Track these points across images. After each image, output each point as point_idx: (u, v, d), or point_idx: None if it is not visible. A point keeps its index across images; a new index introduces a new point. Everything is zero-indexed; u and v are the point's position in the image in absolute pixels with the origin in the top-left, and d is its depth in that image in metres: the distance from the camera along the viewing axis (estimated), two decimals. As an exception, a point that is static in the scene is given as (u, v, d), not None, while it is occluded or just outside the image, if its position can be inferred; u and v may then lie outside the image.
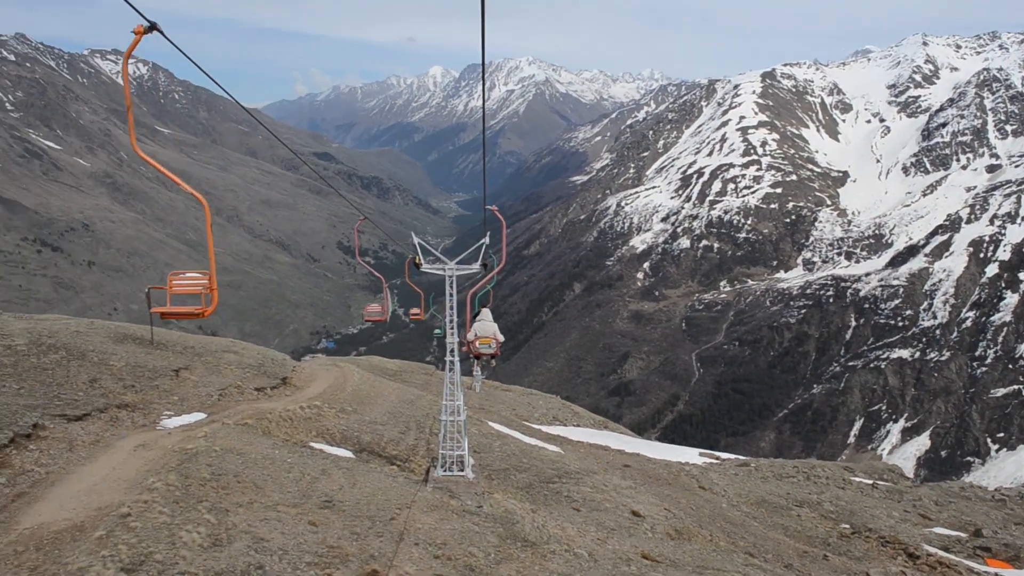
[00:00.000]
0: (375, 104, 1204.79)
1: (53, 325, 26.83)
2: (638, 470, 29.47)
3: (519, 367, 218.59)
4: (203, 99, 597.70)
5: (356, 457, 19.31)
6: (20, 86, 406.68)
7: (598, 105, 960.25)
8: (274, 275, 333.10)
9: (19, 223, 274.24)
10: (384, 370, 47.51)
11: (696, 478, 30.31)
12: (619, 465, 29.76)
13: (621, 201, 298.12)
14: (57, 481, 12.19)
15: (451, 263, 18.18)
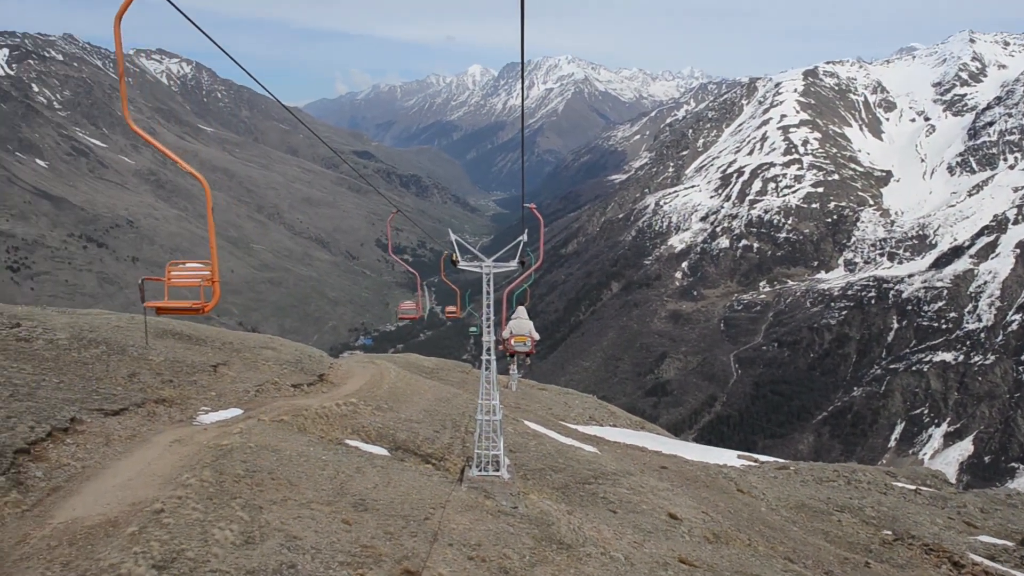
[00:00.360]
0: (414, 103, 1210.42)
1: (94, 320, 27.13)
2: (675, 472, 29.12)
3: (555, 366, 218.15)
4: (245, 98, 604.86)
5: (391, 455, 19.22)
6: (68, 85, 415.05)
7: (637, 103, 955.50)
8: (314, 272, 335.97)
9: (66, 219, 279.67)
10: (421, 368, 47.55)
11: (734, 481, 29.86)
12: (656, 467, 29.43)
13: (660, 200, 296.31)
14: (92, 475, 12.23)
15: (488, 260, 18.01)
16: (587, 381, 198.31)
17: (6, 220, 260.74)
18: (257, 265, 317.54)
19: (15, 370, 17.27)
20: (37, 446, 12.37)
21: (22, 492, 10.77)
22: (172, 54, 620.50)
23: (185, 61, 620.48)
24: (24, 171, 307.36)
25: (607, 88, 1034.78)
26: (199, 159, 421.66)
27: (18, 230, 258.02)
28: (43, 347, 21.33)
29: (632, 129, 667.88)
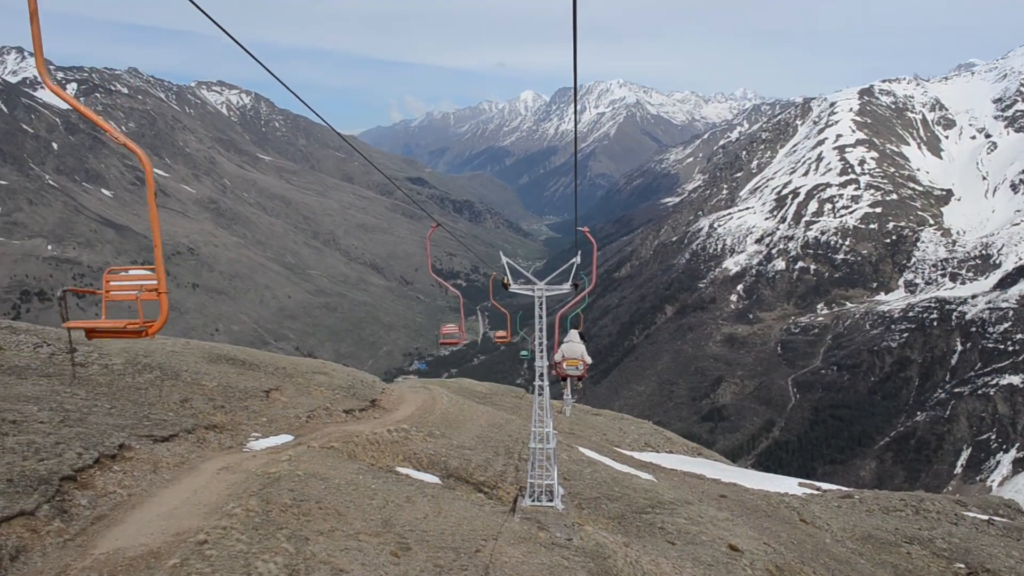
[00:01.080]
0: (467, 129, 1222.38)
1: (150, 345, 27.30)
2: (735, 501, 28.20)
3: (609, 391, 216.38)
4: (302, 127, 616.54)
5: (443, 483, 18.81)
6: (132, 117, 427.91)
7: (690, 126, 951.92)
8: (369, 297, 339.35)
9: (129, 247, 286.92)
10: (473, 393, 47.20)
11: (797, 510, 28.82)
12: (715, 495, 28.55)
13: (714, 222, 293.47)
14: (138, 504, 12.02)
15: (540, 283, 17.59)
16: (641, 406, 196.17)
17: (73, 248, 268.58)
18: (313, 291, 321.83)
19: (68, 395, 17.29)
20: (84, 473, 12.21)
21: (65, 521, 10.58)
22: (232, 85, 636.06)
23: (244, 92, 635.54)
24: (90, 200, 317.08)
25: (659, 111, 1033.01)
26: (258, 187, 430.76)
27: (84, 257, 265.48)
28: (98, 372, 21.44)
29: (685, 152, 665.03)
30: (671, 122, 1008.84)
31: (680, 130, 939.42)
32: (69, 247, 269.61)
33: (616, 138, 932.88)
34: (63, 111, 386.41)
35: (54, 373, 19.79)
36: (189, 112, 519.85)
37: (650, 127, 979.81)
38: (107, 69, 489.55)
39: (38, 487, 10.97)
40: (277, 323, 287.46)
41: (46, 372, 19.73)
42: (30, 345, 22.45)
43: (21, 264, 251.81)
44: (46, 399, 16.23)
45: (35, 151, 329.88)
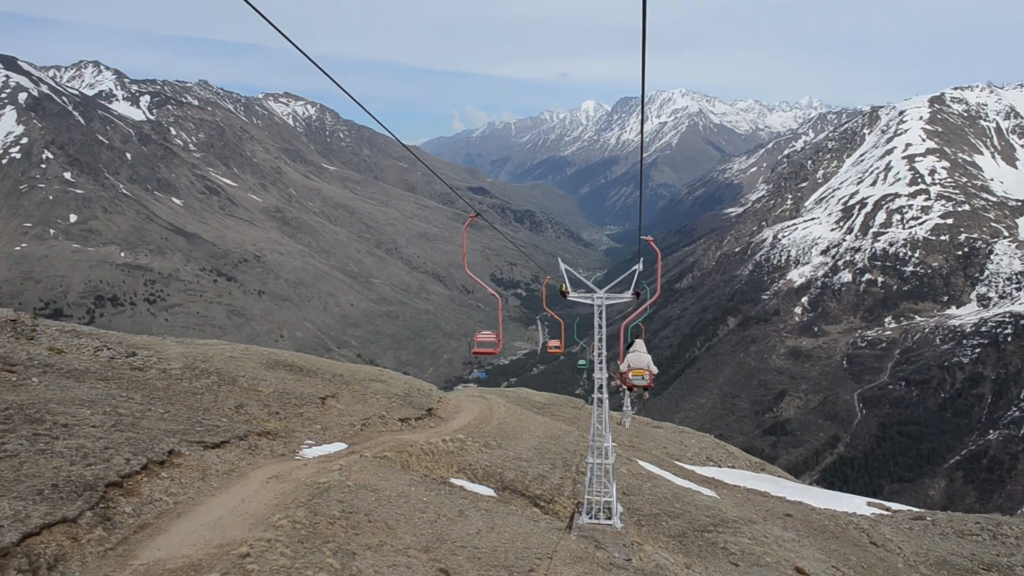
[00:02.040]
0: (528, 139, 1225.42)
1: (209, 350, 27.39)
2: (801, 520, 27.13)
3: (670, 403, 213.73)
4: (366, 137, 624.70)
5: (497, 496, 18.30)
6: (202, 128, 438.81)
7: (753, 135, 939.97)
8: (430, 306, 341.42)
9: (198, 254, 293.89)
10: (532, 403, 46.62)
11: (866, 532, 27.60)
12: (780, 514, 27.51)
13: (778, 233, 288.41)
14: (184, 512, 11.75)
15: (600, 291, 16.95)
16: (703, 419, 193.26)
17: (145, 255, 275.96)
18: (375, 299, 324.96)
19: (123, 399, 17.24)
20: (130, 479, 11.98)
21: (108, 529, 10.33)
22: (298, 97, 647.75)
23: (310, 103, 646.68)
24: (162, 209, 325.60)
25: (722, 121, 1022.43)
26: (322, 196, 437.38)
27: (155, 264, 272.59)
28: (155, 376, 21.47)
29: (748, 161, 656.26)
30: (734, 131, 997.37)
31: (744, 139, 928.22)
32: (141, 254, 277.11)
33: (678, 148, 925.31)
34: (136, 123, 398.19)
35: (112, 377, 19.83)
36: (257, 123, 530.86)
37: (713, 136, 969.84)
38: (179, 82, 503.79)
39: (83, 493, 10.76)
40: (340, 330, 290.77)
41: (104, 376, 19.78)
42: (91, 349, 22.60)
43: (96, 270, 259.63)
44: (101, 403, 16.17)
45: (110, 161, 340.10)
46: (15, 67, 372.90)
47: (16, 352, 19.70)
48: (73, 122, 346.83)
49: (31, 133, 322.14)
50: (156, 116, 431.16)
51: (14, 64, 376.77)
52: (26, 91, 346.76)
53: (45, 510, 9.87)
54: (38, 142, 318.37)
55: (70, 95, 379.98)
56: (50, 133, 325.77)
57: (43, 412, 14.14)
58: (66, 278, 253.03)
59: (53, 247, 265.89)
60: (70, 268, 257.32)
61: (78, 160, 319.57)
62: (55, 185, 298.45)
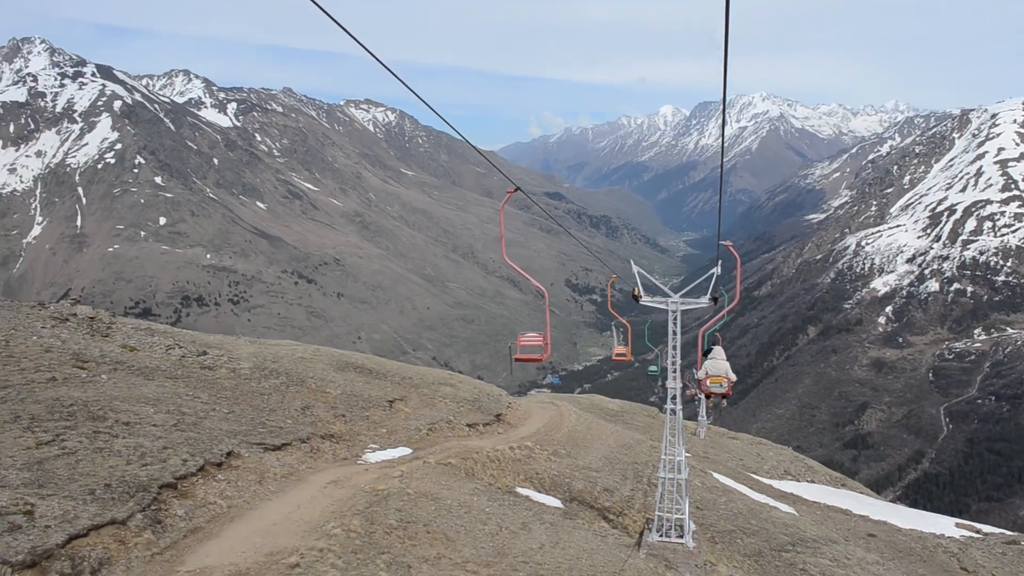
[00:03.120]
0: (605, 144, 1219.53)
1: (280, 350, 27.43)
2: (885, 541, 25.75)
3: (746, 413, 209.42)
4: (444, 143, 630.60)
5: (564, 507, 17.65)
6: (286, 134, 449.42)
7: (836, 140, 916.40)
8: (505, 310, 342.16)
9: (281, 257, 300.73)
10: (604, 410, 45.79)
11: (956, 556, 26.04)
12: (863, 534, 26.17)
13: (861, 240, 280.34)
14: (237, 517, 11.45)
15: (675, 296, 16.15)
16: (780, 430, 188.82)
17: (229, 257, 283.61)
18: (451, 303, 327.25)
19: (189, 398, 17.19)
20: (185, 481, 11.75)
21: (157, 532, 10.06)
22: (378, 103, 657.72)
23: (390, 110, 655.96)
24: (246, 212, 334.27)
25: (804, 125, 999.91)
26: (401, 201, 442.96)
27: (239, 266, 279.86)
28: (225, 376, 21.48)
29: (831, 167, 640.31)
30: (816, 136, 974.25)
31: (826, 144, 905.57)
32: (226, 256, 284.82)
33: (758, 153, 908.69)
34: (223, 129, 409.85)
35: (181, 375, 19.88)
36: (338, 129, 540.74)
37: (794, 141, 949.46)
38: (264, 89, 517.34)
39: (135, 494, 10.55)
40: (416, 333, 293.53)
41: (174, 374, 19.84)
42: (163, 347, 22.77)
43: (183, 271, 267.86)
44: (166, 401, 16.12)
45: (198, 166, 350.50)
46: (111, 76, 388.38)
47: (90, 349, 19.90)
48: (164, 129, 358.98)
49: (125, 139, 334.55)
50: (242, 123, 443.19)
51: (110, 73, 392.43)
52: (121, 99, 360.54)
53: (95, 511, 9.66)
54: (131, 148, 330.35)
55: (161, 103, 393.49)
56: (142, 139, 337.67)
57: (107, 409, 14.10)
58: (155, 278, 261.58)
59: (143, 249, 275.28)
60: (159, 269, 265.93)
61: (168, 165, 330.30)
62: (146, 189, 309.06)
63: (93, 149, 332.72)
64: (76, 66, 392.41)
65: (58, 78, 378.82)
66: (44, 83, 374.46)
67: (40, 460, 10.88)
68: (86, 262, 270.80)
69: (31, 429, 12.17)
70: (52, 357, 17.93)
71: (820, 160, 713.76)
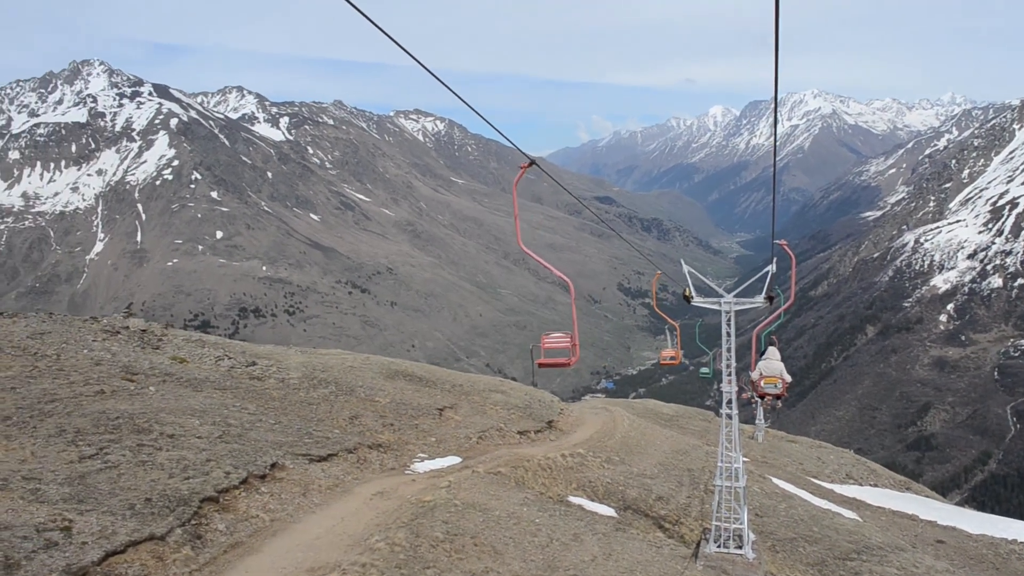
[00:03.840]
0: (655, 147, 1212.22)
1: (330, 360, 27.35)
2: (955, 548, 24.68)
3: (805, 415, 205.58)
4: (493, 150, 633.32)
5: (618, 516, 17.13)
6: (337, 147, 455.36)
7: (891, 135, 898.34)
8: (557, 315, 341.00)
9: (334, 267, 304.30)
10: (659, 415, 45.04)
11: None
12: (931, 540, 25.13)
13: (920, 237, 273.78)
14: (279, 531, 11.17)
15: (728, 296, 15.54)
16: (840, 432, 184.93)
17: (284, 268, 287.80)
18: (503, 309, 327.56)
19: (236, 409, 17.08)
20: (228, 494, 11.52)
21: (197, 548, 9.81)
22: (427, 113, 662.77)
23: (439, 119, 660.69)
24: (300, 224, 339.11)
25: (857, 121, 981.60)
26: (451, 209, 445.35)
27: (294, 277, 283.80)
28: (273, 386, 21.41)
29: (887, 163, 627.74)
30: (871, 132, 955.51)
31: (881, 140, 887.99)
32: (281, 267, 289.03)
33: (811, 151, 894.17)
34: (276, 143, 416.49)
35: (229, 386, 19.83)
36: (388, 140, 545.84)
37: (847, 138, 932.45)
38: (315, 103, 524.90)
39: (175, 508, 10.34)
40: (469, 340, 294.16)
41: (222, 385, 19.79)
42: (212, 358, 22.80)
43: (240, 283, 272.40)
44: (212, 412, 16.02)
45: (252, 180, 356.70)
46: (167, 95, 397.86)
47: (139, 361, 19.96)
48: (219, 144, 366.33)
49: (181, 156, 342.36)
50: (294, 136, 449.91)
51: (166, 92, 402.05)
52: (177, 117, 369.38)
53: (133, 526, 9.46)
54: (187, 164, 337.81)
55: (216, 119, 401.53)
56: (198, 155, 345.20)
57: (152, 422, 14.01)
58: (213, 291, 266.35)
59: (201, 262, 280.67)
60: (216, 282, 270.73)
61: (223, 180, 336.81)
62: (203, 204, 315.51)
63: (151, 166, 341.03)
64: (134, 86, 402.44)
65: (116, 98, 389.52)
66: (103, 104, 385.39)
67: (82, 474, 10.76)
68: (146, 276, 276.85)
69: (75, 443, 12.09)
70: (102, 370, 17.98)
71: (875, 156, 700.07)
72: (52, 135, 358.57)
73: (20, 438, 11.99)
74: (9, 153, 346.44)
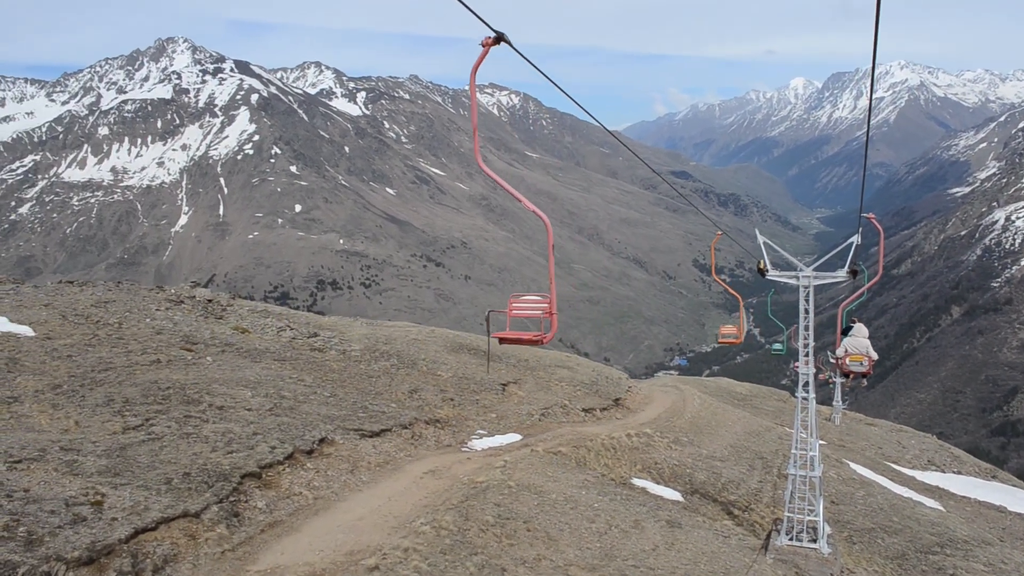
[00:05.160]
0: (733, 120, 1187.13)
1: (394, 332, 27.03)
2: (1049, 541, 23.15)
3: (885, 397, 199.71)
4: (568, 124, 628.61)
5: (685, 501, 16.30)
6: (413, 121, 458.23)
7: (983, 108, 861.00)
8: (631, 291, 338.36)
9: (410, 241, 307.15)
10: (732, 394, 43.76)
11: None
12: (1021, 534, 23.62)
13: (1011, 214, 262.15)
14: (322, 510, 10.69)
15: (807, 269, 14.44)
16: (921, 415, 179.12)
17: (361, 242, 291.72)
18: (577, 284, 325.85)
19: (292, 381, 16.76)
20: (271, 470, 11.07)
21: (232, 526, 9.36)
22: (502, 87, 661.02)
23: (514, 93, 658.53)
24: (376, 198, 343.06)
25: (946, 93, 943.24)
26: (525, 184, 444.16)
27: (371, 251, 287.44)
28: (334, 358, 21.11)
29: (977, 136, 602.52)
30: (961, 104, 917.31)
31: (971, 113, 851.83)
32: (358, 241, 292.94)
33: (896, 124, 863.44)
34: (353, 118, 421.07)
35: (289, 358, 19.58)
36: (463, 114, 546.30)
37: (936, 111, 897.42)
38: (391, 77, 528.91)
39: (214, 484, 9.94)
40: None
41: (282, 356, 19.55)
42: (275, 329, 22.63)
43: (318, 256, 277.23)
44: (266, 384, 15.70)
45: (330, 155, 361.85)
46: (248, 71, 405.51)
47: (200, 331, 19.84)
48: (298, 119, 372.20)
49: (262, 131, 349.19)
50: (371, 111, 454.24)
51: (247, 68, 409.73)
52: (257, 92, 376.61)
53: (167, 502, 9.07)
54: (268, 139, 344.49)
55: (295, 94, 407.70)
56: (278, 130, 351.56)
57: (203, 392, 13.73)
58: (292, 264, 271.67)
59: (281, 235, 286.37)
60: (295, 255, 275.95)
61: (302, 155, 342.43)
62: (282, 178, 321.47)
63: (233, 141, 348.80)
64: (216, 63, 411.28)
65: (200, 75, 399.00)
66: (187, 80, 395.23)
67: (123, 446, 10.46)
68: (228, 249, 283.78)
69: (121, 413, 11.84)
70: (161, 339, 17.87)
71: (965, 130, 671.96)
72: (139, 111, 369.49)
73: (67, 407, 11.78)
74: (99, 129, 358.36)
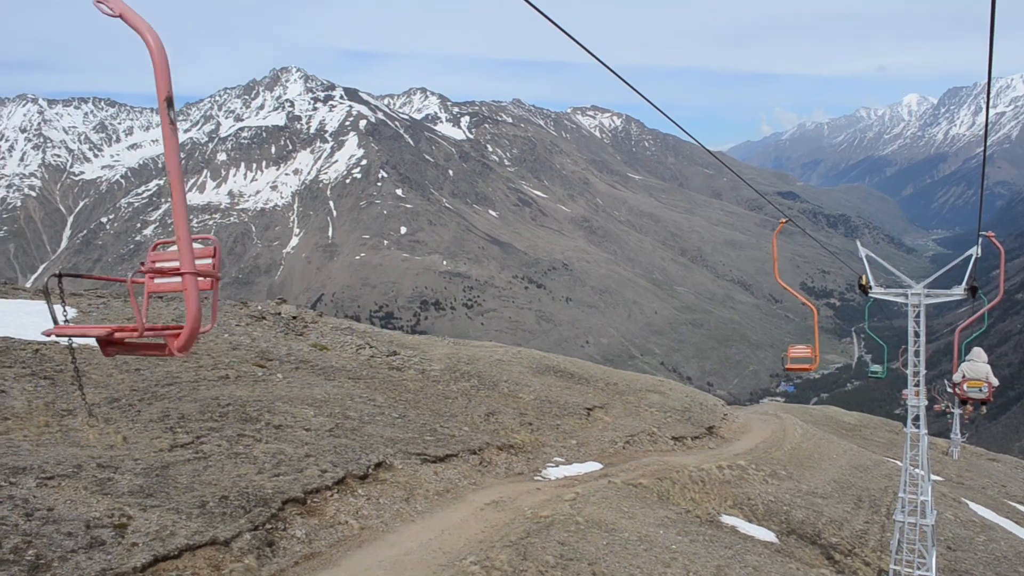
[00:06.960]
0: (842, 139, 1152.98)
1: (477, 352, 26.39)
2: None
3: (1009, 430, 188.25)
4: (671, 145, 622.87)
5: (779, 543, 14.90)
6: (515, 144, 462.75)
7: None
8: (735, 315, 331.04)
9: (511, 262, 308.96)
10: (839, 424, 41.43)
11: None
12: None
13: None
14: (367, 542, 9.86)
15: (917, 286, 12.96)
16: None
17: (464, 263, 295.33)
18: (680, 307, 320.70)
19: (362, 400, 16.18)
20: (316, 495, 10.34)
21: (263, 557, 8.62)
22: (604, 109, 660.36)
23: (616, 115, 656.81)
24: (479, 220, 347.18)
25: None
26: (627, 205, 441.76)
27: (473, 272, 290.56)
28: (411, 377, 20.54)
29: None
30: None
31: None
32: (460, 262, 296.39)
33: (1019, 140, 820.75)
34: (458, 142, 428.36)
35: (364, 376, 19.08)
36: (565, 136, 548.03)
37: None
38: (494, 102, 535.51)
39: (251, 509, 9.29)
40: (644, 338, 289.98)
41: (357, 375, 19.06)
42: (354, 347, 22.24)
43: (422, 277, 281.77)
44: (333, 403, 15.14)
45: (435, 178, 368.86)
46: (357, 98, 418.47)
47: (278, 348, 19.56)
48: (404, 144, 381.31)
49: (369, 155, 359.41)
50: (475, 135, 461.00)
51: (356, 95, 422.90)
52: (365, 118, 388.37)
53: (196, 527, 8.45)
54: (375, 163, 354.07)
55: (401, 120, 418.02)
56: (384, 155, 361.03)
57: (263, 411, 13.23)
58: (396, 284, 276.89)
59: (386, 256, 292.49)
60: (400, 275, 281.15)
61: (408, 178, 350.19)
62: (388, 201, 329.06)
63: (342, 166, 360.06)
64: (327, 90, 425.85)
65: (311, 102, 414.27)
66: (300, 107, 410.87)
67: (166, 464, 9.96)
68: (336, 269, 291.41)
69: (173, 429, 11.40)
70: (236, 355, 17.61)
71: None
72: (254, 138, 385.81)
73: (119, 422, 11.43)
74: (218, 155, 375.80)
